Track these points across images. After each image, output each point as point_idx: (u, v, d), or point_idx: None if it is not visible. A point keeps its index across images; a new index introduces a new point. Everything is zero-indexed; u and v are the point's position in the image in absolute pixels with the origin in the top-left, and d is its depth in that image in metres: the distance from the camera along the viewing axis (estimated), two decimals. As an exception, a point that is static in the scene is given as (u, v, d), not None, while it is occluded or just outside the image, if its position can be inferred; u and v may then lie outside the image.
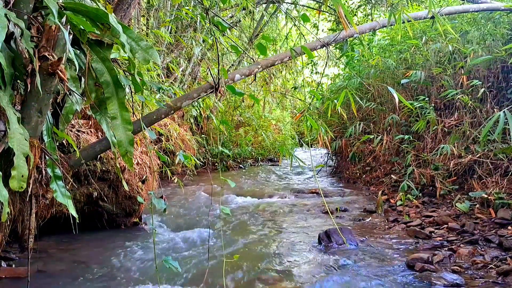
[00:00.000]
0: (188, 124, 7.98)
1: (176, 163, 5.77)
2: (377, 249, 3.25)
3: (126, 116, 2.01)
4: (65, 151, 2.95)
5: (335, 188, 6.53)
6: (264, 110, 11.07)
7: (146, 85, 2.89)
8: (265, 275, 2.75)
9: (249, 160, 10.34)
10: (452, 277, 2.51)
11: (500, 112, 3.11)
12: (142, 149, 4.03)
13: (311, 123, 3.12)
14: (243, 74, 3.13)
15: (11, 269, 2.76)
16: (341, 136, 7.36)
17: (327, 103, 4.59)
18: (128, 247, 3.38)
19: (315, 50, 3.59)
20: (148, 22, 7.35)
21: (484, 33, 5.14)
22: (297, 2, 7.81)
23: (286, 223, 4.28)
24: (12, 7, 1.77)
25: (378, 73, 6.84)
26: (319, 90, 7.90)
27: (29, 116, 1.85)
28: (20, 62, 1.76)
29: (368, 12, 9.42)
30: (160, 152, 2.79)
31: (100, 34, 2.02)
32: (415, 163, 5.25)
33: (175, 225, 4.24)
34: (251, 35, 9.24)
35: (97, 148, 2.56)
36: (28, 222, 2.01)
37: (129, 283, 2.64)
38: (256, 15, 9.41)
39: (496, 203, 3.77)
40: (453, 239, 3.34)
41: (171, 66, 6.88)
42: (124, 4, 3.12)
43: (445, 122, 5.26)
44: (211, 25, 2.74)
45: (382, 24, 3.92)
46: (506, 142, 4.19)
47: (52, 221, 3.13)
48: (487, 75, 5.03)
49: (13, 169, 1.62)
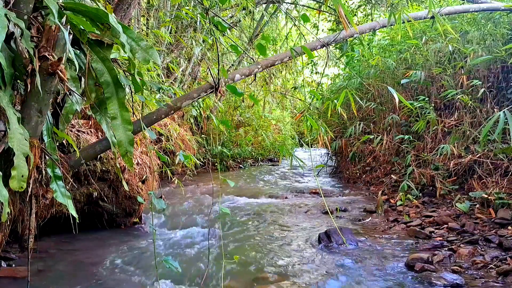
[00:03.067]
0: (188, 124, 7.98)
1: (176, 163, 5.77)
2: (377, 249, 3.25)
3: (126, 116, 2.01)
4: (65, 151, 2.95)
5: (335, 188, 6.54)
6: (264, 110, 11.07)
7: (146, 85, 2.89)
8: (264, 275, 2.75)
9: (249, 160, 10.34)
10: (452, 277, 2.51)
11: (500, 112, 3.12)
12: (142, 149, 4.03)
13: (311, 123, 3.12)
14: (243, 74, 3.13)
15: (11, 269, 2.76)
16: (341, 136, 7.36)
17: (327, 103, 4.59)
18: (128, 247, 3.38)
19: (315, 50, 3.60)
20: (148, 22, 7.35)
21: (484, 33, 5.14)
22: (297, 2, 7.80)
23: (286, 223, 4.28)
24: (12, 7, 1.77)
25: (378, 73, 6.84)
26: (319, 90, 7.90)
27: (29, 116, 1.85)
28: (20, 62, 1.77)
29: (368, 12, 9.42)
30: (160, 152, 2.80)
31: (100, 34, 2.02)
32: (415, 163, 5.25)
33: (175, 225, 4.24)
34: (251, 35, 9.25)
35: (97, 148, 2.56)
36: (28, 222, 2.01)
37: (129, 283, 2.64)
38: (256, 15, 9.41)
39: (496, 203, 3.77)
40: (453, 239, 3.34)
41: (171, 66, 6.88)
42: (124, 4, 3.12)
43: (445, 122, 5.26)
44: (211, 25, 2.74)
45: (382, 24, 3.93)
46: (506, 142, 4.19)
47: (52, 221, 3.13)
48: (487, 75, 5.03)
49: (13, 169, 1.62)
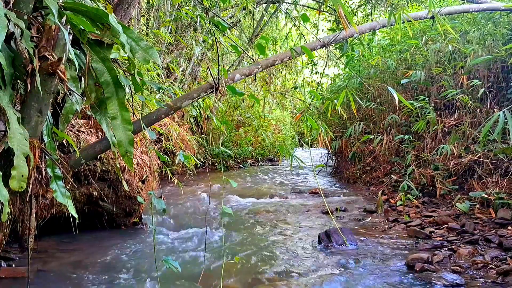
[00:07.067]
0: (188, 124, 7.98)
1: (176, 163, 5.77)
2: (377, 249, 3.25)
3: (126, 116, 2.01)
4: (65, 151, 2.95)
5: (335, 188, 6.54)
6: (264, 110, 11.07)
7: (146, 85, 2.89)
8: (264, 275, 2.75)
9: (249, 160, 10.34)
10: (452, 277, 2.51)
11: (499, 112, 3.12)
12: (142, 149, 4.03)
13: (311, 123, 3.12)
14: (243, 74, 3.13)
15: (11, 269, 2.76)
16: (341, 136, 7.36)
17: (327, 103, 4.59)
18: (128, 247, 3.38)
19: (315, 50, 3.60)
20: (148, 22, 7.35)
21: (484, 33, 5.14)
22: (297, 2, 7.81)
23: (286, 223, 4.28)
24: (12, 7, 1.77)
25: (378, 73, 6.84)
26: (319, 90, 7.90)
27: (29, 116, 1.85)
28: (20, 62, 1.77)
29: (368, 12, 9.42)
30: (160, 152, 2.79)
31: (100, 34, 2.02)
32: (415, 163, 5.25)
33: (175, 225, 4.24)
34: (251, 35, 9.25)
35: (97, 148, 2.57)
36: (28, 222, 2.01)
37: (129, 283, 2.64)
38: (256, 15, 9.42)
39: (496, 203, 3.77)
40: (453, 239, 3.34)
41: (171, 66, 6.88)
42: (124, 4, 3.13)
43: (445, 122, 5.26)
44: (211, 25, 2.74)
45: (382, 24, 3.93)
46: (506, 142, 4.19)
47: (52, 221, 3.13)
48: (487, 75, 5.03)
49: (13, 169, 1.62)
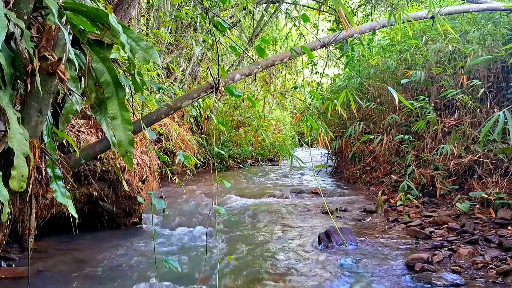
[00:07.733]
0: (188, 124, 7.99)
1: (176, 163, 5.77)
2: (377, 249, 3.25)
3: (126, 116, 2.01)
4: (65, 151, 2.95)
5: (335, 188, 6.54)
6: (264, 110, 11.07)
7: (146, 85, 2.89)
8: (264, 275, 2.75)
9: (249, 160, 10.34)
10: (452, 277, 2.51)
11: (500, 112, 3.12)
12: (142, 149, 4.03)
13: (311, 123, 3.12)
14: (243, 74, 3.13)
15: (11, 269, 2.76)
16: (341, 136, 7.36)
17: (327, 103, 4.59)
18: (128, 247, 3.38)
19: (315, 50, 3.60)
20: (148, 22, 7.35)
21: (484, 33, 5.14)
22: (297, 2, 7.81)
23: (286, 223, 4.28)
24: (12, 7, 1.77)
25: (378, 73, 6.84)
26: (319, 90, 7.90)
27: (29, 116, 1.85)
28: (20, 62, 1.76)
29: (368, 12, 9.41)
30: (160, 152, 2.80)
31: (100, 34, 2.02)
32: (415, 163, 5.25)
33: (175, 225, 4.24)
34: (251, 35, 9.25)
35: (97, 148, 2.56)
36: (28, 222, 2.01)
37: (129, 283, 2.64)
38: (256, 15, 9.42)
39: (496, 203, 3.77)
40: (453, 239, 3.34)
41: (171, 66, 6.88)
42: (124, 4, 3.13)
43: (445, 122, 5.26)
44: (211, 25, 2.74)
45: (382, 24, 3.93)
46: (506, 142, 4.19)
47: (52, 221, 3.13)
48: (487, 75, 5.03)
49: (13, 169, 1.62)
